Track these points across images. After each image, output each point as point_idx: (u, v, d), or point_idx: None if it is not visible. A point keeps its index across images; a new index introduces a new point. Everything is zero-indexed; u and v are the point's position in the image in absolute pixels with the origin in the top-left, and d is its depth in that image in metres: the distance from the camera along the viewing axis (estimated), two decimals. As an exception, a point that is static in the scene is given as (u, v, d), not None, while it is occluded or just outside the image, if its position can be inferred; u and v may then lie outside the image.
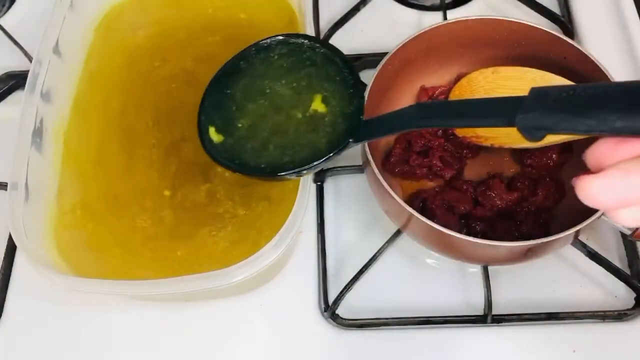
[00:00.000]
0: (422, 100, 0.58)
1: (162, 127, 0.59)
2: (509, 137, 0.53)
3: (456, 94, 0.58)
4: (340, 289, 0.53)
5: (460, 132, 0.55)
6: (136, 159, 0.58)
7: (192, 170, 0.56)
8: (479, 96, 0.56)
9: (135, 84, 0.62)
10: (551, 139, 0.50)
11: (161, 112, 0.60)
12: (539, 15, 0.66)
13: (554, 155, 0.55)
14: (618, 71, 0.52)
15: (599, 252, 0.53)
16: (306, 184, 0.48)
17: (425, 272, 0.56)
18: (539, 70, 0.54)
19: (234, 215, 0.54)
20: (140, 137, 0.59)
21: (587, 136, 0.32)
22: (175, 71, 0.62)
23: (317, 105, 0.46)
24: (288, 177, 0.45)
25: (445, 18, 0.65)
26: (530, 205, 0.53)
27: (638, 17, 0.66)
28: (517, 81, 0.55)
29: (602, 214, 0.46)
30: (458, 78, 0.58)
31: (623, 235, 0.56)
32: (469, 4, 0.69)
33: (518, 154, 0.56)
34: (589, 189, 0.31)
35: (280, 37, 0.48)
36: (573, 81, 0.54)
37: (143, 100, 0.61)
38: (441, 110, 0.41)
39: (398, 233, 0.54)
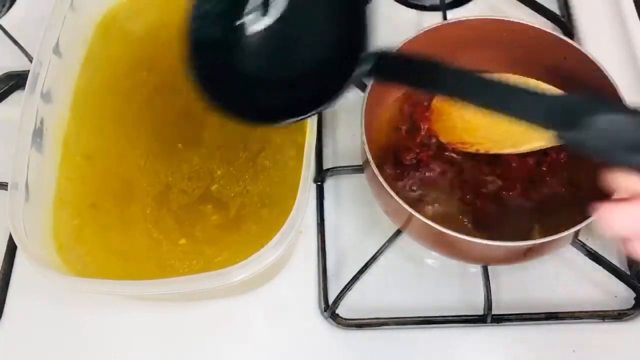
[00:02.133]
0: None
1: (152, 165, 0.58)
2: (496, 143, 0.53)
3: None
4: (340, 289, 0.53)
5: (445, 138, 0.55)
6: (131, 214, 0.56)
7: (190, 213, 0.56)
8: None
9: (128, 92, 0.62)
10: (535, 144, 0.50)
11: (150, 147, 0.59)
12: (539, 15, 0.66)
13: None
14: (618, 71, 0.52)
15: (599, 252, 0.54)
16: (306, 184, 0.48)
17: (425, 272, 0.56)
18: (526, 78, 0.54)
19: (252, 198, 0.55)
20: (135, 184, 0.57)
21: None
22: (156, 81, 0.62)
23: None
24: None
25: (445, 18, 0.65)
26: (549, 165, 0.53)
27: (638, 17, 0.66)
28: None
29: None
30: None
31: (623, 235, 0.56)
32: (469, 4, 0.69)
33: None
34: (609, 217, 0.30)
35: None
36: (573, 82, 0.54)
37: (135, 114, 0.61)
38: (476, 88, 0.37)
39: (398, 233, 0.54)
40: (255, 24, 0.41)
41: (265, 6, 0.41)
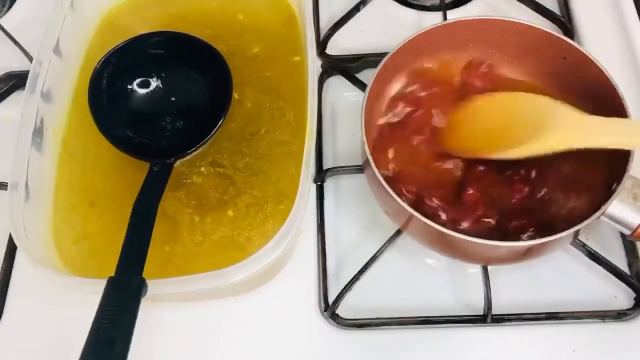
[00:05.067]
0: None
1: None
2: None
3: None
4: (340, 289, 0.53)
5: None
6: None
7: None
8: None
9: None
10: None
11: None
12: (539, 15, 0.66)
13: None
14: (618, 71, 0.52)
15: (599, 252, 0.53)
16: (306, 184, 0.48)
17: (425, 272, 0.56)
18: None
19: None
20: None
21: None
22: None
23: None
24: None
25: (445, 18, 0.65)
26: None
27: (638, 17, 0.66)
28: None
29: (602, 213, 0.46)
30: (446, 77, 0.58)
31: (623, 235, 0.56)
32: (469, 4, 0.69)
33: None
34: None
35: None
36: (573, 82, 0.54)
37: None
38: None
39: (398, 233, 0.54)
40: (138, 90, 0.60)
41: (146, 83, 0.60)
